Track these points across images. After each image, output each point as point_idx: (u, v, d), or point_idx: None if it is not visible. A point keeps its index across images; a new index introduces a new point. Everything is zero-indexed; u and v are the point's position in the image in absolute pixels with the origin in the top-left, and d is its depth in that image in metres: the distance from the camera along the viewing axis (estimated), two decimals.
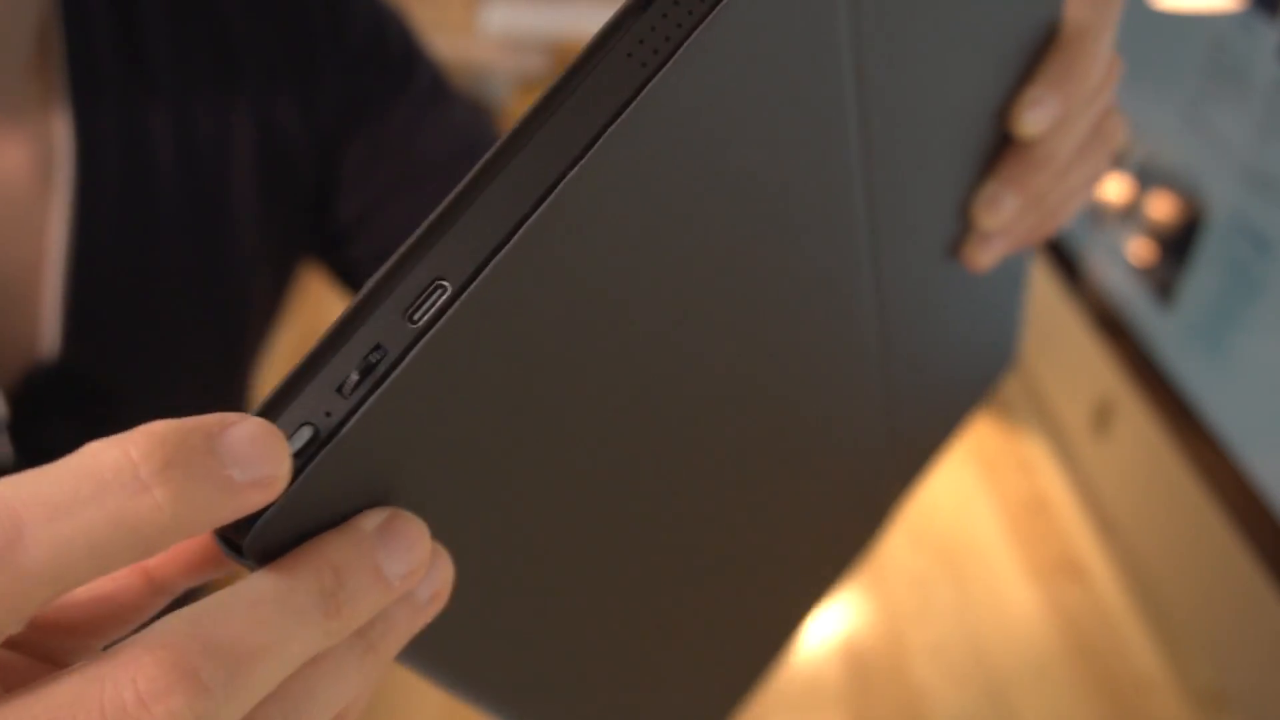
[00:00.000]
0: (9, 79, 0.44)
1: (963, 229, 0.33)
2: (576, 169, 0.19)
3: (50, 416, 0.46)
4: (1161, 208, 1.18)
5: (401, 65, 0.55)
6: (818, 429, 0.32)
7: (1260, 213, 1.00)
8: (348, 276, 0.60)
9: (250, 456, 0.17)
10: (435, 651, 0.23)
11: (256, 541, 0.18)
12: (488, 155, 0.19)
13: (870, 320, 0.31)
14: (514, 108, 2.00)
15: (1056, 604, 1.22)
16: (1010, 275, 0.40)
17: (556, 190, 0.19)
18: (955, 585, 1.25)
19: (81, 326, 0.46)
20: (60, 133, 0.46)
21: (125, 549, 0.16)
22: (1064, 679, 1.14)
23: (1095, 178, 0.36)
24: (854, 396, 0.33)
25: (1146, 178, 1.21)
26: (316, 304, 1.61)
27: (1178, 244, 1.15)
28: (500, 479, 0.22)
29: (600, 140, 0.19)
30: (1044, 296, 1.53)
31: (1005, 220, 0.33)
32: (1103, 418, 1.33)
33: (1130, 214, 1.25)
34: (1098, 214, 1.34)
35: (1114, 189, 1.29)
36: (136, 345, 0.49)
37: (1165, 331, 1.17)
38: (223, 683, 0.16)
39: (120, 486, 0.16)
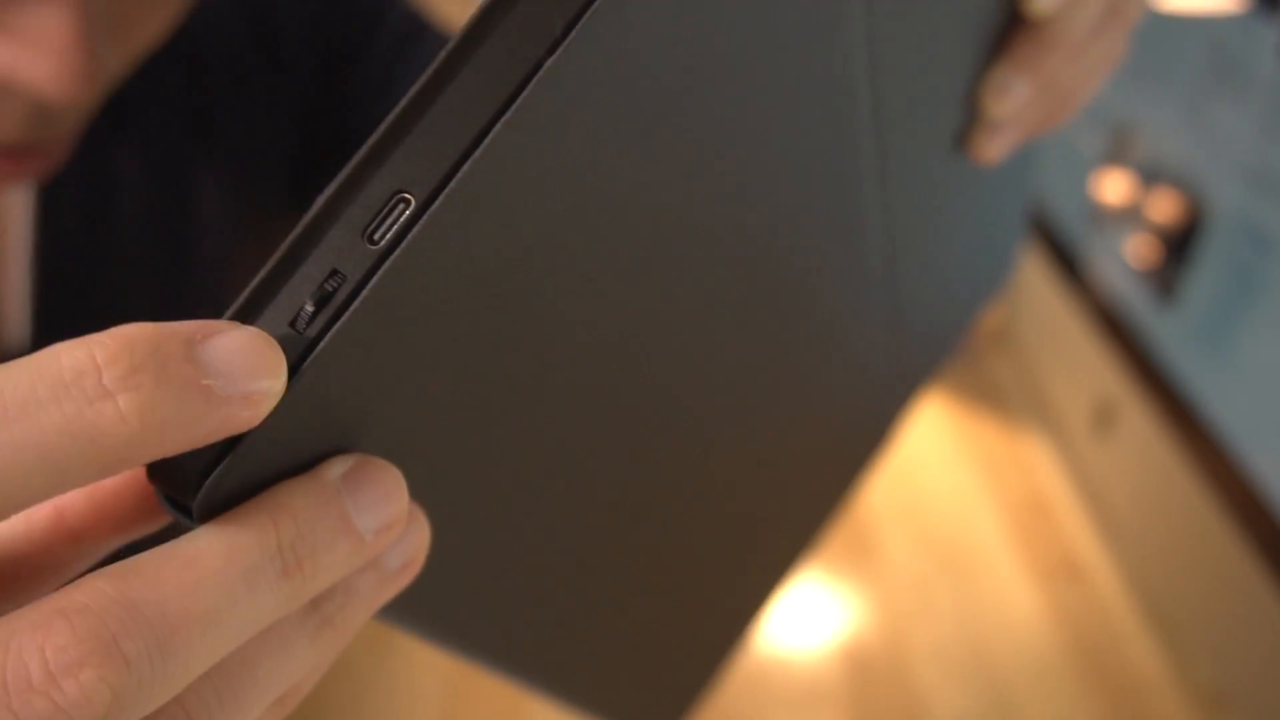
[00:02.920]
0: None
1: (969, 119, 0.31)
2: (555, 55, 0.16)
3: None
4: (1163, 208, 1.18)
5: (370, 12, 0.54)
6: (821, 344, 0.30)
7: (1261, 212, 1.00)
8: None
9: (237, 368, 0.15)
10: (405, 608, 0.20)
11: (208, 500, 0.16)
12: (450, 45, 0.16)
13: (876, 223, 0.29)
14: None
15: (1056, 604, 1.22)
16: (1013, 177, 0.37)
17: (531, 82, 0.16)
18: (955, 585, 1.25)
19: (48, 320, 0.46)
20: None
21: (81, 462, 0.14)
22: (1064, 678, 1.14)
23: (1112, 58, 0.33)
24: (858, 307, 0.31)
25: (1148, 177, 1.21)
26: None
27: (1179, 244, 1.15)
28: (474, 418, 0.19)
29: (582, 18, 0.16)
30: (1044, 296, 1.53)
31: (1015, 107, 0.30)
32: (1103, 417, 1.33)
33: (1131, 214, 1.25)
34: (1098, 214, 1.34)
35: (1114, 189, 1.29)
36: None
37: (1166, 331, 1.17)
38: (148, 656, 0.14)
39: (80, 390, 0.14)
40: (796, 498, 0.35)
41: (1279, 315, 0.98)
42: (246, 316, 0.16)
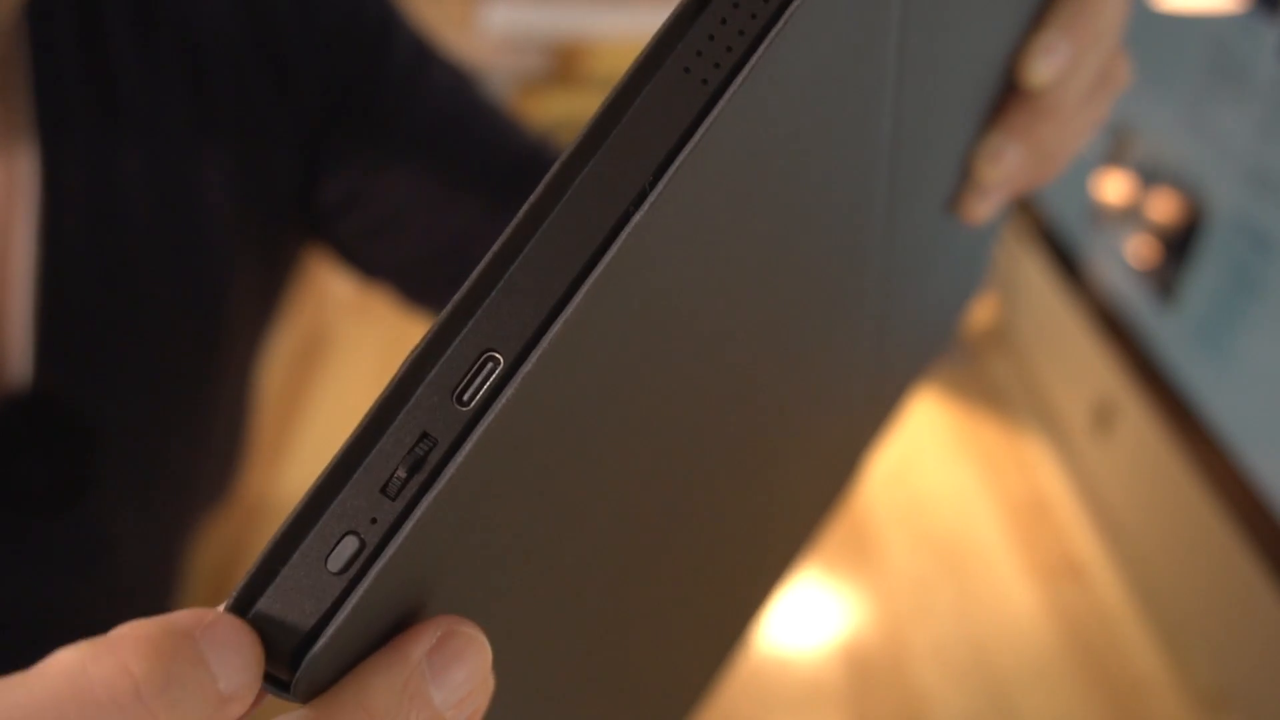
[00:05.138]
0: None
1: (962, 180, 0.32)
2: (642, 210, 0.16)
3: (25, 451, 0.45)
4: (1162, 208, 1.18)
5: (378, 41, 0.53)
6: (809, 397, 0.31)
7: (1261, 213, 1.00)
8: (344, 254, 0.59)
9: (233, 664, 0.15)
10: None
11: (305, 677, 0.15)
12: (531, 198, 0.16)
13: (876, 281, 0.30)
14: (514, 108, 2.00)
15: (1056, 604, 1.22)
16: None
17: (621, 235, 0.16)
18: (955, 585, 1.25)
19: (54, 356, 0.45)
20: (25, 159, 0.44)
21: None
22: (1064, 679, 1.14)
23: (1098, 122, 0.34)
24: (850, 355, 0.32)
25: (1147, 177, 1.21)
26: (318, 305, 1.61)
27: (1178, 244, 1.15)
28: (542, 569, 0.19)
29: (669, 171, 0.16)
30: (1044, 296, 1.53)
31: (1007, 172, 0.31)
32: (1103, 418, 1.33)
33: (1131, 214, 1.25)
34: (1098, 214, 1.34)
35: (1114, 189, 1.29)
36: (111, 370, 0.47)
37: (1166, 331, 1.17)
38: None
39: (121, 710, 0.14)
40: (783, 525, 0.36)
41: (1279, 315, 0.98)
42: (336, 481, 0.16)
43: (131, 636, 0.15)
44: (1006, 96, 0.31)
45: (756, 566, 0.35)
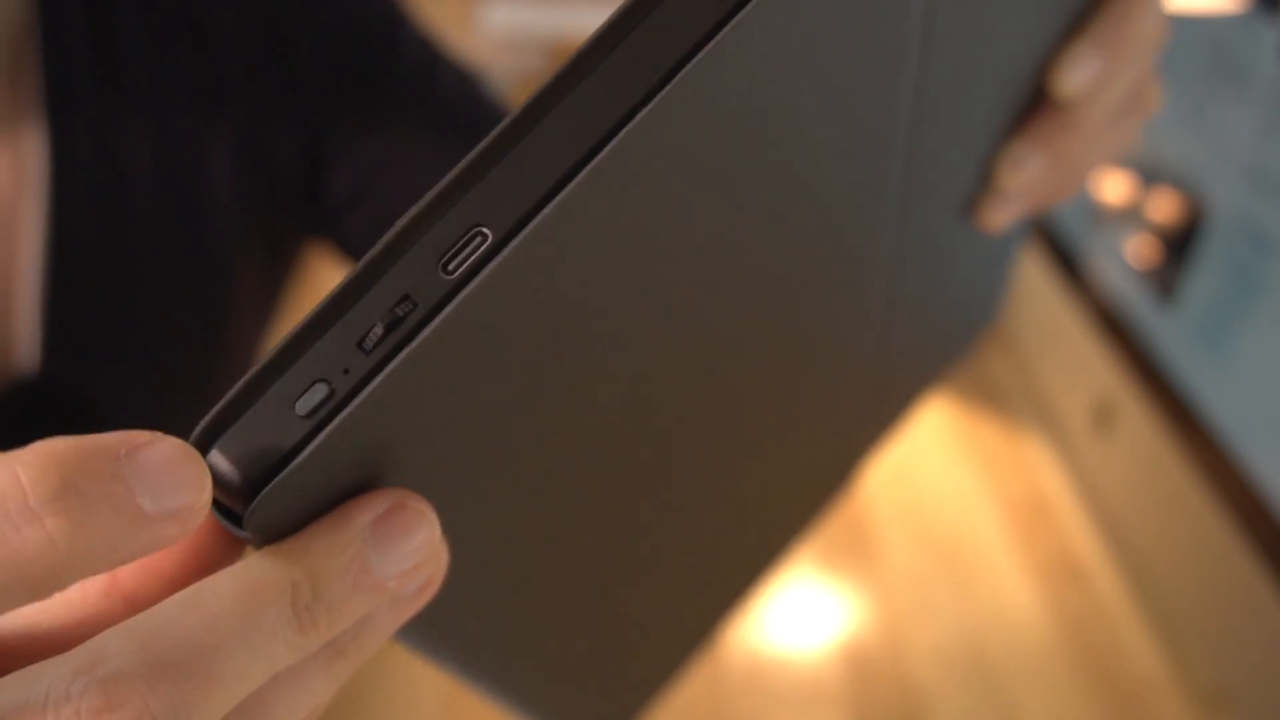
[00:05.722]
0: None
1: (981, 186, 0.32)
2: (650, 105, 0.16)
3: (31, 434, 0.45)
4: (1162, 207, 1.18)
5: (385, 41, 0.53)
6: (814, 377, 0.30)
7: (1262, 212, 1.00)
8: (348, 248, 0.59)
9: (164, 483, 0.15)
10: (410, 629, 0.20)
11: (259, 513, 0.16)
12: (542, 85, 0.16)
13: (883, 273, 0.29)
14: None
15: (1056, 604, 1.22)
16: (1009, 235, 0.39)
17: (622, 131, 0.16)
18: (955, 585, 1.25)
19: (60, 338, 0.45)
20: (33, 144, 0.45)
21: (11, 588, 0.14)
22: (1064, 679, 1.14)
23: (1124, 145, 0.34)
24: (852, 345, 0.31)
25: (1148, 177, 1.21)
26: (318, 299, 1.62)
27: (1179, 244, 1.15)
28: (506, 449, 0.19)
29: (678, 75, 0.16)
30: (1044, 296, 1.53)
31: (1028, 181, 0.31)
32: (1103, 418, 1.33)
33: (1131, 214, 1.25)
34: (1098, 214, 1.34)
35: (1115, 189, 1.29)
36: (118, 355, 0.48)
37: (1166, 331, 1.17)
38: (173, 713, 0.15)
39: (5, 516, 0.14)
40: (777, 512, 0.36)
41: (1279, 315, 0.98)
42: (315, 329, 0.16)
43: (37, 448, 0.15)
44: (1034, 106, 0.31)
45: (757, 524, 0.34)
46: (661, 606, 0.31)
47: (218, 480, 0.16)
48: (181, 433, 0.16)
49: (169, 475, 0.15)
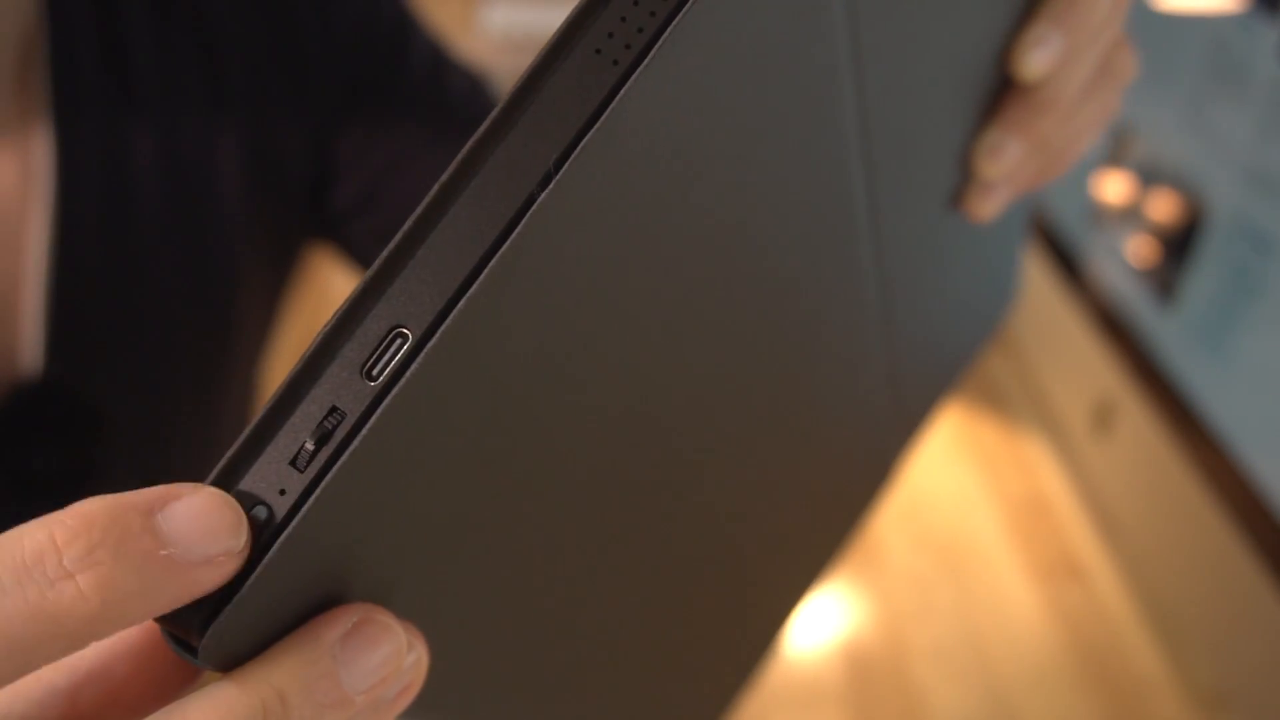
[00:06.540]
0: None
1: (963, 179, 0.31)
2: (547, 190, 0.16)
3: (34, 438, 0.45)
4: (1162, 208, 1.18)
5: (394, 46, 0.53)
6: (819, 400, 0.30)
7: (1261, 213, 1.00)
8: (354, 255, 0.59)
9: (195, 534, 0.15)
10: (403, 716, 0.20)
11: (213, 644, 0.16)
12: (442, 179, 0.16)
13: (870, 282, 0.29)
14: None
15: (1056, 604, 1.22)
16: (1011, 215, 0.38)
17: (525, 216, 0.16)
18: (955, 585, 1.25)
19: (64, 343, 0.45)
20: (40, 147, 0.45)
21: (47, 642, 0.15)
22: (1064, 679, 1.14)
23: (1104, 117, 0.33)
24: (855, 360, 0.31)
25: (1147, 178, 1.21)
26: (320, 296, 1.62)
27: (1178, 244, 1.15)
28: (472, 533, 0.19)
29: (574, 154, 0.16)
30: (1044, 296, 1.53)
31: (1008, 168, 0.31)
32: (1103, 418, 1.33)
33: (1131, 214, 1.25)
34: (1098, 214, 1.34)
35: (1114, 189, 1.29)
36: (122, 358, 0.48)
37: (1166, 331, 1.17)
38: None
39: (41, 574, 0.15)
40: (798, 546, 0.35)
41: (1279, 315, 0.98)
42: (247, 453, 0.16)
43: (73, 509, 0.15)
44: (1004, 91, 0.30)
45: (762, 588, 0.34)
46: (663, 672, 0.31)
47: (166, 615, 0.16)
48: (183, 436, 0.16)
49: (201, 523, 0.15)
